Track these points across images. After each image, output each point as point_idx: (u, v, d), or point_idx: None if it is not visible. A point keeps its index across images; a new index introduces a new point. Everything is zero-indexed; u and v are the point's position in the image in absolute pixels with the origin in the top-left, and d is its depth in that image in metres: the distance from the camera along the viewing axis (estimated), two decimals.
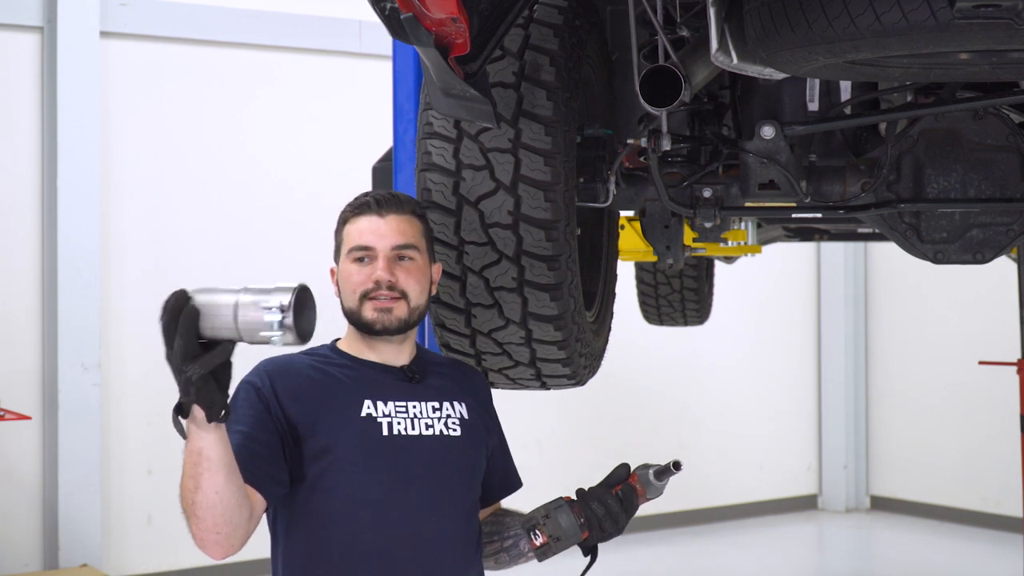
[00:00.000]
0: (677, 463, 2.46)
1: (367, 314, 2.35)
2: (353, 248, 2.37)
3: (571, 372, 2.81)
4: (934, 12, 1.96)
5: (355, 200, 2.42)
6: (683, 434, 8.49)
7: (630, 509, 2.51)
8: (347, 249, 2.38)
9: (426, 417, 2.37)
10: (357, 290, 2.35)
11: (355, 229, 2.38)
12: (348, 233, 2.39)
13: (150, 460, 6.58)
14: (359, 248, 2.36)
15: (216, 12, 6.79)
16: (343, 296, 2.39)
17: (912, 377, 8.79)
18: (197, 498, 2.14)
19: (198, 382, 2.04)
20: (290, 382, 2.34)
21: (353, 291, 2.36)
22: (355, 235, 2.37)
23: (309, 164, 7.01)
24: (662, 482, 2.47)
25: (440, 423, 2.38)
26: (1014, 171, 2.85)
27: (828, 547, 8.47)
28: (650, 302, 5.87)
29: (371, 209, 2.38)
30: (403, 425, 2.34)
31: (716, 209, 2.99)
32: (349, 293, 2.37)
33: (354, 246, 2.37)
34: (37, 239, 6.35)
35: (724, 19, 2.29)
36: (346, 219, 2.41)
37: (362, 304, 2.35)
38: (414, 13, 1.98)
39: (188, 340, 2.01)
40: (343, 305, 2.39)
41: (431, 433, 2.38)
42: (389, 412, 2.34)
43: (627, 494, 2.50)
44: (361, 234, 2.37)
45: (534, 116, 2.53)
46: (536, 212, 2.54)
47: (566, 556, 2.59)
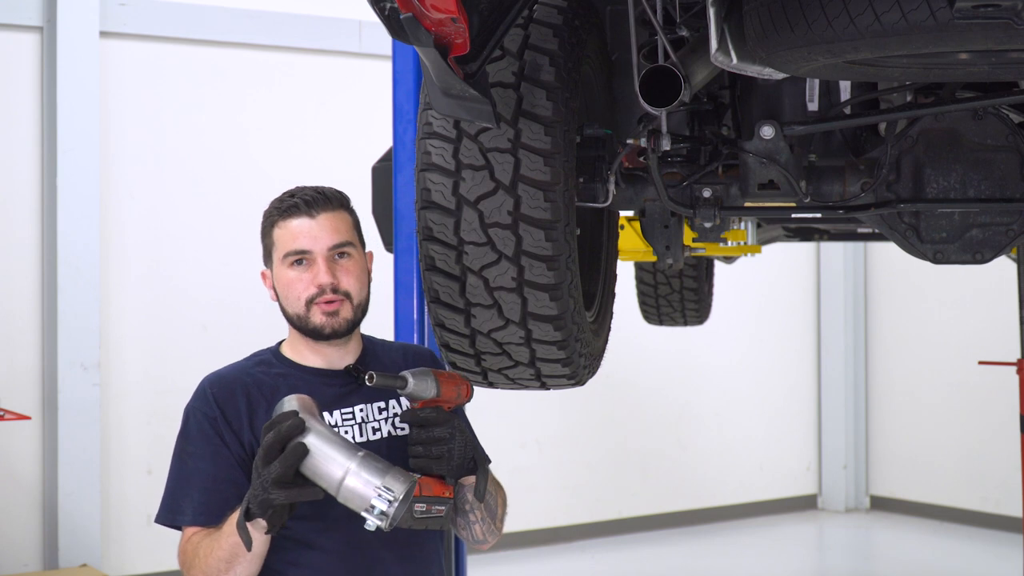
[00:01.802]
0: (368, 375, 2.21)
1: (315, 319, 2.32)
2: (289, 253, 2.32)
3: (571, 372, 2.80)
4: (933, 12, 1.96)
5: (281, 202, 2.37)
6: (682, 434, 8.49)
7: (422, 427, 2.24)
8: (282, 254, 2.33)
9: (372, 420, 2.35)
10: (301, 297, 2.32)
11: (286, 233, 2.33)
12: (280, 237, 2.34)
13: (150, 460, 6.58)
14: (295, 252, 2.32)
15: (216, 12, 6.79)
16: (285, 303, 2.35)
17: (912, 377, 8.79)
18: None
19: (279, 507, 2.08)
20: (237, 403, 2.31)
21: (297, 298, 2.32)
22: (288, 239, 2.33)
23: (309, 164, 7.01)
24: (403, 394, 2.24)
25: (387, 424, 2.37)
26: (1014, 171, 2.85)
27: (828, 547, 8.47)
28: (650, 302, 5.87)
29: (300, 210, 2.34)
30: (351, 433, 2.32)
31: (716, 209, 2.98)
32: (293, 300, 2.33)
33: (289, 251, 2.32)
34: (37, 239, 6.35)
35: (724, 19, 2.29)
36: (274, 222, 2.35)
37: (308, 310, 2.32)
38: (414, 13, 1.97)
39: (286, 471, 2.05)
40: (285, 311, 2.36)
41: (378, 437, 2.36)
42: (336, 422, 2.32)
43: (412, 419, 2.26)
44: (295, 238, 2.32)
45: (534, 116, 2.53)
46: (536, 212, 2.53)
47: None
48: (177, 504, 2.30)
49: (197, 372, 7.75)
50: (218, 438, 2.29)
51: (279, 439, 2.06)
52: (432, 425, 2.23)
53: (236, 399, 2.32)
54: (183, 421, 2.35)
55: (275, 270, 2.36)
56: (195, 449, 2.30)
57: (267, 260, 2.39)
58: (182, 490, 2.30)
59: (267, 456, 2.06)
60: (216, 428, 2.30)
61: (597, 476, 8.06)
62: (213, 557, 2.17)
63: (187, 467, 2.31)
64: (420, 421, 2.24)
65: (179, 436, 2.36)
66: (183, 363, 6.65)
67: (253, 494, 2.08)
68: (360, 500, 2.05)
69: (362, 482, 2.05)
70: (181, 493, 2.30)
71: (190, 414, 2.35)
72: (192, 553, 2.24)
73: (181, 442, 2.35)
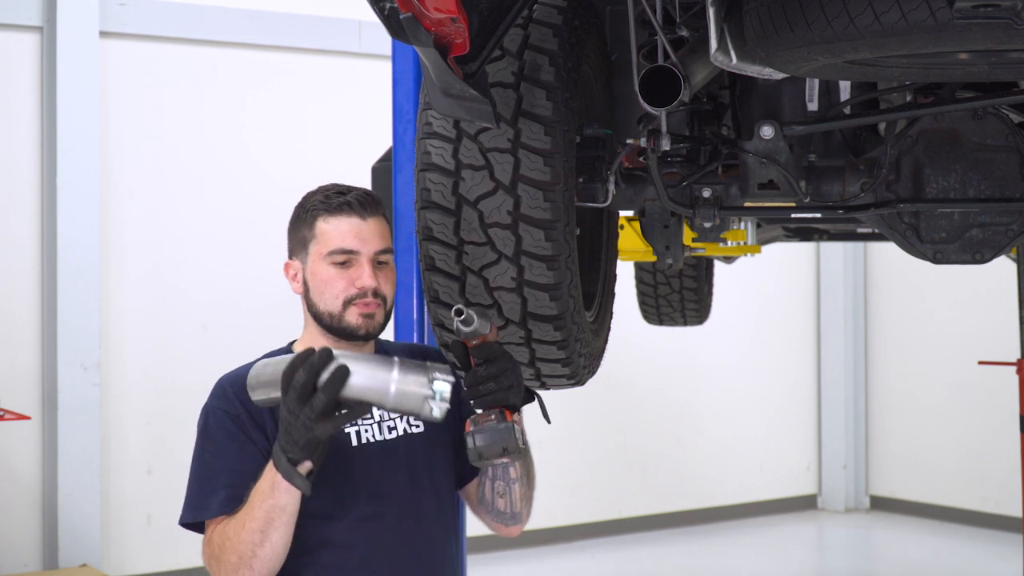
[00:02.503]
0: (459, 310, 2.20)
1: (351, 319, 2.31)
2: (335, 251, 2.32)
3: (570, 372, 2.80)
4: (933, 12, 1.96)
5: (328, 197, 2.35)
6: (682, 434, 8.50)
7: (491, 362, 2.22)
8: (326, 250, 2.32)
9: (388, 419, 2.36)
10: (340, 296, 2.31)
11: (334, 230, 2.32)
12: (325, 232, 2.33)
13: (150, 460, 6.59)
14: (343, 251, 2.32)
15: (216, 12, 6.80)
16: (318, 299, 2.33)
17: (912, 377, 8.79)
18: (262, 551, 2.13)
19: (325, 442, 2.06)
20: (240, 410, 2.29)
21: (335, 296, 2.31)
22: (336, 236, 2.32)
23: (309, 164, 7.01)
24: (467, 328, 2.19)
25: (402, 422, 2.38)
26: (1013, 171, 2.85)
27: (828, 547, 8.47)
28: (649, 302, 5.87)
29: (353, 210, 2.34)
30: (370, 432, 2.33)
31: (715, 209, 2.98)
32: (330, 298, 2.32)
33: (336, 248, 2.32)
34: (37, 239, 6.35)
35: (723, 19, 2.29)
36: (318, 215, 2.34)
37: (345, 309, 2.31)
38: (413, 13, 1.97)
39: (330, 399, 2.03)
40: (315, 306, 2.34)
41: (394, 436, 2.36)
42: (355, 422, 2.31)
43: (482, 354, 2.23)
44: (344, 237, 2.32)
45: (533, 116, 2.52)
46: (535, 212, 2.53)
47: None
48: (203, 501, 2.25)
49: (197, 372, 7.77)
50: (242, 435, 2.26)
51: (313, 373, 2.03)
52: (499, 358, 2.23)
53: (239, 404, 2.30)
54: (202, 421, 2.31)
55: (311, 264, 2.34)
56: (218, 447, 2.26)
57: (298, 252, 2.36)
58: (207, 488, 2.25)
59: (303, 394, 2.03)
60: (239, 424, 2.27)
61: (597, 476, 8.06)
62: (246, 531, 2.13)
63: (211, 465, 2.26)
64: (489, 355, 2.22)
65: (200, 436, 2.31)
66: (183, 363, 6.66)
67: (292, 439, 2.04)
68: (416, 394, 2.05)
69: (412, 378, 2.06)
70: (207, 490, 2.25)
71: (209, 413, 2.31)
72: (220, 539, 2.19)
73: (202, 442, 2.30)
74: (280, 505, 2.10)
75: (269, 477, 2.11)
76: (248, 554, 2.13)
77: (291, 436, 2.05)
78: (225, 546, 2.16)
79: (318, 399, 2.03)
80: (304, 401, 2.04)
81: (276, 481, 2.09)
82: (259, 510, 2.12)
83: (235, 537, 2.14)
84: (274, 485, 2.10)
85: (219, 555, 2.17)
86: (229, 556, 2.14)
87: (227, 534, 2.16)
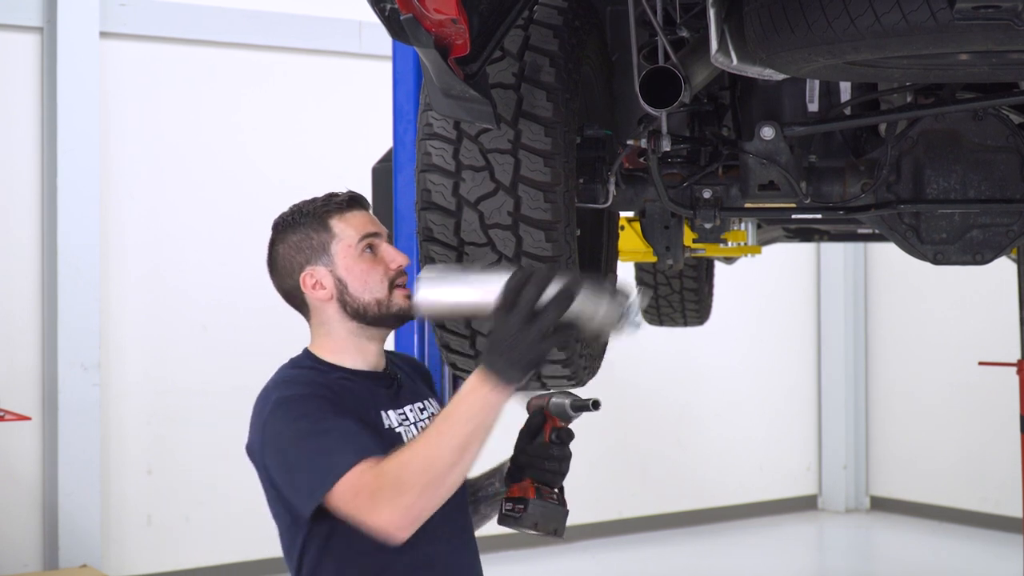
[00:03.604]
0: (597, 403, 2.34)
1: (399, 301, 2.28)
2: (365, 236, 2.28)
3: (571, 373, 2.81)
4: (934, 13, 1.96)
5: (323, 202, 2.32)
6: (683, 434, 8.49)
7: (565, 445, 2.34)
8: (355, 240, 2.28)
9: (419, 420, 2.34)
10: (384, 280, 2.28)
11: (350, 223, 2.29)
12: (344, 227, 2.29)
13: (150, 460, 6.59)
14: (371, 235, 2.29)
15: (216, 12, 6.79)
16: (363, 290, 2.27)
17: (912, 378, 8.79)
18: (452, 475, 2.03)
19: (545, 360, 2.06)
20: (324, 392, 2.22)
21: (380, 282, 2.27)
22: (359, 225, 2.29)
23: (309, 165, 7.01)
24: (576, 414, 2.34)
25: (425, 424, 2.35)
26: (1014, 172, 2.85)
27: (828, 547, 8.47)
28: (650, 303, 5.87)
29: (360, 204, 2.33)
30: (411, 432, 2.29)
31: (716, 210, 2.98)
32: (375, 285, 2.27)
33: (366, 233, 2.29)
34: (37, 239, 6.35)
35: (724, 20, 2.29)
36: (329, 215, 2.30)
37: (391, 292, 2.28)
38: (414, 14, 1.98)
39: (558, 317, 1.98)
40: (360, 300, 2.27)
41: None
42: (398, 421, 2.29)
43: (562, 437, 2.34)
44: (364, 224, 2.30)
45: (534, 117, 2.53)
46: (536, 213, 2.54)
47: None
48: (328, 464, 2.10)
49: (197, 372, 7.76)
50: (331, 406, 2.17)
51: (540, 291, 1.97)
52: (568, 444, 2.32)
53: (321, 388, 2.23)
54: (285, 408, 2.17)
55: (341, 261, 2.27)
56: (319, 415, 2.15)
57: (317, 257, 2.29)
58: (327, 452, 2.11)
59: (532, 311, 1.96)
60: (324, 400, 2.18)
61: (597, 476, 8.06)
62: (442, 451, 2.01)
63: (321, 434, 2.13)
64: (567, 438, 2.31)
65: (290, 421, 2.16)
66: (183, 363, 6.66)
67: (512, 358, 1.97)
68: (617, 313, 2.04)
69: (609, 298, 2.05)
70: (328, 453, 2.11)
71: (290, 399, 2.19)
72: (376, 477, 2.04)
73: (295, 423, 2.15)
74: (487, 425, 2.02)
75: (478, 395, 2.01)
76: (443, 471, 2.01)
77: (513, 354, 1.98)
78: (407, 470, 2.02)
79: (547, 317, 1.97)
80: (531, 320, 1.97)
81: (489, 399, 2.00)
82: (462, 428, 2.01)
83: (424, 459, 2.01)
84: (486, 402, 2.00)
85: (398, 479, 2.03)
86: (416, 478, 2.01)
87: (402, 462, 2.03)
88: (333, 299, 2.29)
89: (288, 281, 2.33)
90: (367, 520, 2.05)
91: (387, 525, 2.03)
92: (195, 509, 6.69)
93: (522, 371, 1.99)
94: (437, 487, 2.02)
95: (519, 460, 2.32)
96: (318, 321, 2.33)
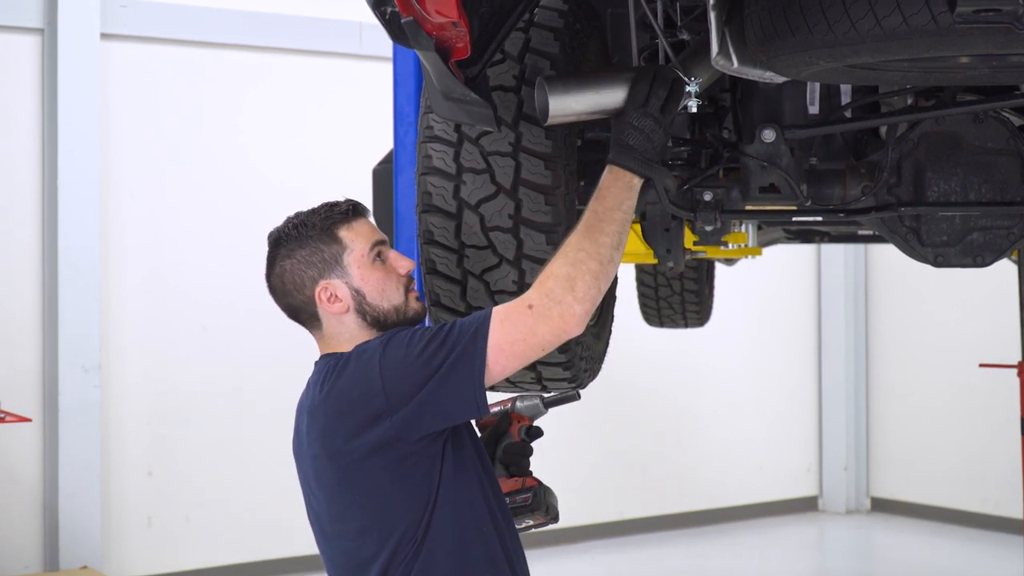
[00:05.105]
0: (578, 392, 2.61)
1: (414, 305, 2.31)
2: (375, 244, 2.29)
3: (571, 376, 2.80)
4: (934, 16, 1.96)
5: (326, 213, 2.31)
6: (683, 435, 8.49)
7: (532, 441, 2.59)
8: (367, 249, 2.28)
9: None
10: (400, 286, 2.30)
11: (358, 232, 2.30)
12: (353, 237, 2.29)
13: (150, 461, 6.59)
14: (380, 243, 2.31)
15: (217, 14, 6.79)
16: (383, 298, 2.28)
17: (912, 379, 8.78)
18: (616, 257, 2.19)
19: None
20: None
21: (396, 288, 2.29)
22: (367, 235, 2.30)
23: (309, 166, 7.01)
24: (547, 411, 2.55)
25: None
26: (1014, 174, 2.85)
27: (828, 549, 8.47)
28: (650, 304, 5.87)
29: (362, 213, 2.34)
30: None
31: (716, 212, 2.98)
32: (393, 292, 2.29)
33: (375, 241, 2.30)
34: (37, 241, 6.35)
35: (724, 23, 2.29)
36: (336, 225, 2.29)
37: (407, 297, 2.30)
38: (415, 17, 1.97)
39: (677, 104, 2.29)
40: (380, 308, 2.28)
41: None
42: None
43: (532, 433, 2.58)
44: (371, 233, 2.31)
45: (535, 120, 2.53)
46: (537, 216, 2.54)
47: None
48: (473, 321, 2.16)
49: (197, 373, 7.75)
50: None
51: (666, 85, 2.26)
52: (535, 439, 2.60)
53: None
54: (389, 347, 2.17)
55: (356, 271, 2.27)
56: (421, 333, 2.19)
57: (330, 270, 2.28)
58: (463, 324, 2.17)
59: (666, 106, 2.25)
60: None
61: (597, 477, 8.06)
62: (604, 237, 2.18)
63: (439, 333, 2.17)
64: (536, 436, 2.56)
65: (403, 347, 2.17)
66: (183, 364, 6.66)
67: (652, 145, 2.23)
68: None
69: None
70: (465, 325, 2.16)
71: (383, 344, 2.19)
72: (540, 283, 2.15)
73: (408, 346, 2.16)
74: (632, 210, 2.22)
75: (622, 184, 2.22)
76: (607, 258, 2.17)
77: (650, 145, 2.22)
78: (577, 261, 2.14)
79: (671, 107, 2.25)
80: (662, 115, 2.24)
81: (633, 184, 2.22)
82: (616, 215, 2.19)
83: (590, 248, 2.16)
84: (631, 188, 2.22)
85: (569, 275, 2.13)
86: (588, 265, 2.14)
87: (568, 256, 2.15)
88: (351, 310, 2.29)
89: (299, 297, 2.31)
90: (548, 322, 2.12)
91: (571, 316, 2.13)
92: (195, 510, 6.69)
93: (659, 154, 2.23)
94: (607, 269, 2.17)
95: (498, 460, 2.48)
96: (333, 332, 2.31)
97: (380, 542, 2.20)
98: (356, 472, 2.19)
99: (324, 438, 2.21)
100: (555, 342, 2.14)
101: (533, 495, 2.43)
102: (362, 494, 2.21)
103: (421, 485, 2.19)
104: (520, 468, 2.49)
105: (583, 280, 2.13)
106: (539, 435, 2.50)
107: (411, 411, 2.14)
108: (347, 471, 2.20)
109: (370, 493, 2.20)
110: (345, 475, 2.20)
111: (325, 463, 2.23)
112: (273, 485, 6.63)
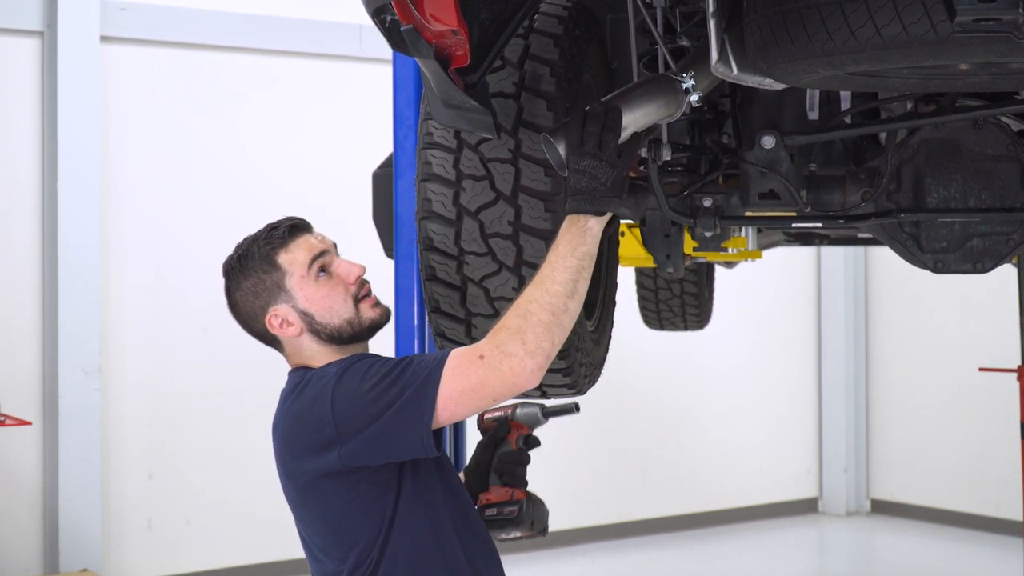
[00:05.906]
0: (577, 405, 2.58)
1: (368, 314, 2.29)
2: (314, 258, 2.27)
3: (571, 381, 2.81)
4: (934, 25, 1.96)
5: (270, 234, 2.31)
6: (683, 438, 8.49)
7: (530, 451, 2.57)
8: (304, 268, 2.26)
9: None
10: (347, 299, 2.27)
11: (296, 252, 2.28)
12: (292, 260, 2.27)
13: (150, 464, 6.58)
14: (320, 256, 2.27)
15: (217, 16, 6.79)
16: (331, 315, 2.27)
17: (912, 381, 8.78)
18: (571, 305, 2.12)
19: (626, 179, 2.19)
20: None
21: (344, 301, 2.27)
22: (304, 251, 2.27)
23: (309, 168, 7.01)
24: (545, 420, 2.53)
25: None
26: (1014, 181, 2.85)
27: (828, 550, 8.47)
28: (650, 307, 5.87)
29: (301, 229, 2.31)
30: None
31: (716, 218, 2.98)
32: (340, 307, 2.27)
33: (313, 256, 2.27)
34: (37, 243, 6.35)
35: (724, 30, 2.29)
36: (275, 251, 2.28)
37: (358, 309, 2.28)
38: (414, 25, 1.97)
39: (616, 135, 2.18)
40: (331, 325, 2.27)
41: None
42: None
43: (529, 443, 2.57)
44: (309, 249, 2.28)
45: (534, 126, 2.53)
46: (536, 222, 2.54)
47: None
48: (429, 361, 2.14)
49: (197, 375, 7.73)
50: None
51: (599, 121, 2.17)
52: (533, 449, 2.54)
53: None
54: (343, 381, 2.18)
55: (299, 293, 2.27)
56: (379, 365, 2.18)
57: (276, 297, 2.29)
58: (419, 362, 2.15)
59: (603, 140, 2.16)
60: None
61: (597, 480, 8.06)
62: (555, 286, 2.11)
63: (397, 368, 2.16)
64: (533, 445, 2.52)
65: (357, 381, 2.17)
66: (183, 366, 6.65)
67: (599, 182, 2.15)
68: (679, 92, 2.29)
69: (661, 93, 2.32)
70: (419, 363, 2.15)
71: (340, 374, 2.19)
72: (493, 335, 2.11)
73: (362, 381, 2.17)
74: (590, 253, 2.14)
75: (575, 230, 2.15)
76: (560, 308, 2.10)
77: (596, 183, 2.14)
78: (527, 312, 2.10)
79: (608, 138, 2.16)
80: (604, 148, 2.15)
81: (588, 227, 2.14)
82: (569, 261, 2.12)
83: (541, 299, 2.10)
84: (585, 232, 2.14)
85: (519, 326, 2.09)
86: (539, 317, 2.09)
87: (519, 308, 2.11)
88: (304, 332, 2.29)
89: (255, 326, 2.36)
90: (499, 376, 2.09)
91: (522, 371, 2.08)
92: (196, 513, 6.69)
93: (611, 190, 2.15)
94: (559, 322, 2.10)
95: (492, 468, 2.44)
96: (294, 352, 2.34)
97: (340, 559, 2.24)
98: (312, 491, 2.23)
99: (283, 455, 2.28)
100: (507, 394, 2.12)
101: (519, 508, 2.38)
102: (319, 511, 2.25)
103: (375, 506, 2.20)
104: (514, 477, 2.45)
105: (533, 332, 2.08)
106: (536, 445, 2.49)
107: (359, 444, 2.15)
108: (304, 490, 2.25)
109: (326, 512, 2.24)
110: (303, 493, 2.26)
111: (286, 480, 2.30)
112: (273, 487, 6.56)
